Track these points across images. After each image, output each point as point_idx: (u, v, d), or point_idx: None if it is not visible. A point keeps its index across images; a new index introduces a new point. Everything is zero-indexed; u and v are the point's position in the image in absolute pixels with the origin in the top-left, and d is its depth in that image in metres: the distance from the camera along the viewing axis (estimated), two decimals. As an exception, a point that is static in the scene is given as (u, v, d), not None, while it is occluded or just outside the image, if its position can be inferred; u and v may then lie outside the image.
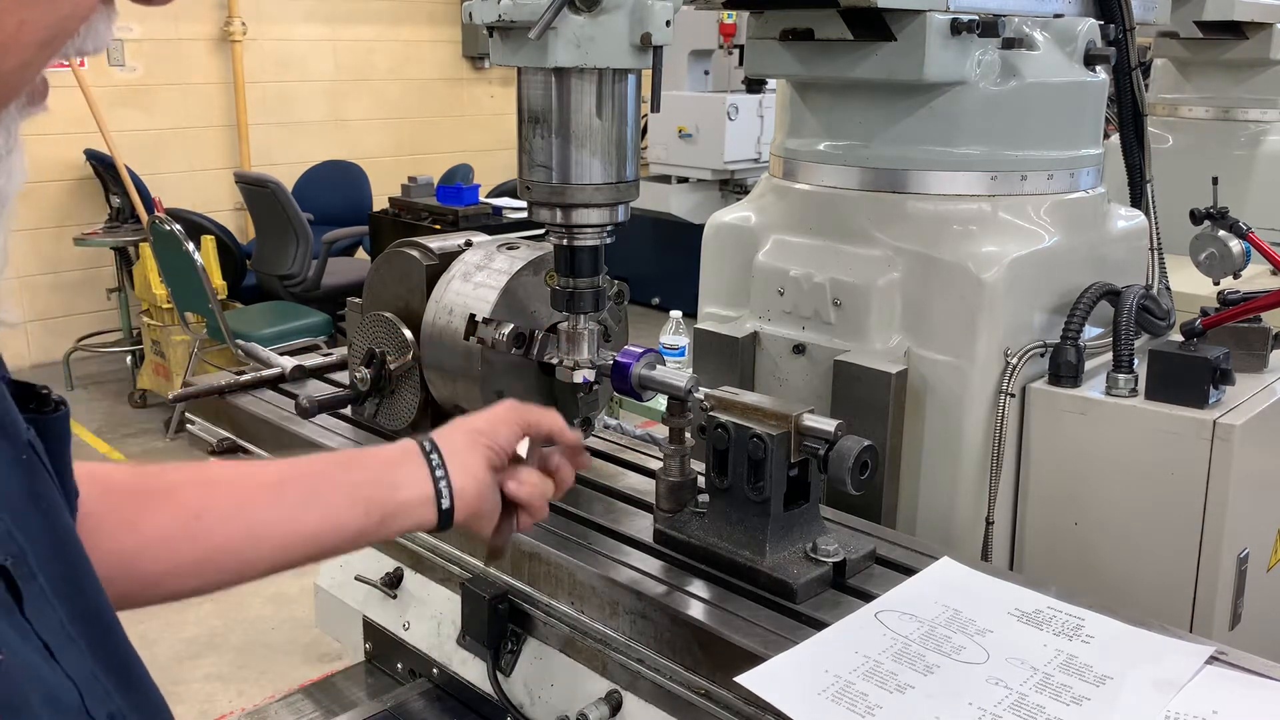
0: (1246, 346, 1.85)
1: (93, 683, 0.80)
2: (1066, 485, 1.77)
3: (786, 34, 1.85)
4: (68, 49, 0.69)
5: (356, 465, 1.22)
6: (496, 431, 1.26)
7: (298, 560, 1.17)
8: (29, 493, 0.81)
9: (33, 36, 0.65)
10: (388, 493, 1.19)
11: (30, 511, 0.81)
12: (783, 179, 2.00)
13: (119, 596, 0.99)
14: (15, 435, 0.82)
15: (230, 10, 7.71)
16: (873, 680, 1.16)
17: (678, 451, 1.49)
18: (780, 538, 1.38)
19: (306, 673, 3.85)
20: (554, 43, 1.33)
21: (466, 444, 1.24)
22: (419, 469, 1.20)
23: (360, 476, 1.20)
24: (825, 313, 1.85)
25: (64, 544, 0.84)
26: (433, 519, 1.20)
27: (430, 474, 1.20)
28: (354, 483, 1.19)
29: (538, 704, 1.52)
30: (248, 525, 1.13)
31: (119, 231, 6.73)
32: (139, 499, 1.10)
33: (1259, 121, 3.64)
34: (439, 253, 1.76)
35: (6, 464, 0.80)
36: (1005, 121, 1.81)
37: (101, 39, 0.71)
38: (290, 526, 1.15)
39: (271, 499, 1.16)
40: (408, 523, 1.21)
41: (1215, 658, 1.21)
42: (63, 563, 0.83)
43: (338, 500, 1.17)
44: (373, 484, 1.19)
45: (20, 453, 0.82)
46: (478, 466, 1.23)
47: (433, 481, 1.20)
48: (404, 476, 1.20)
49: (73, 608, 0.82)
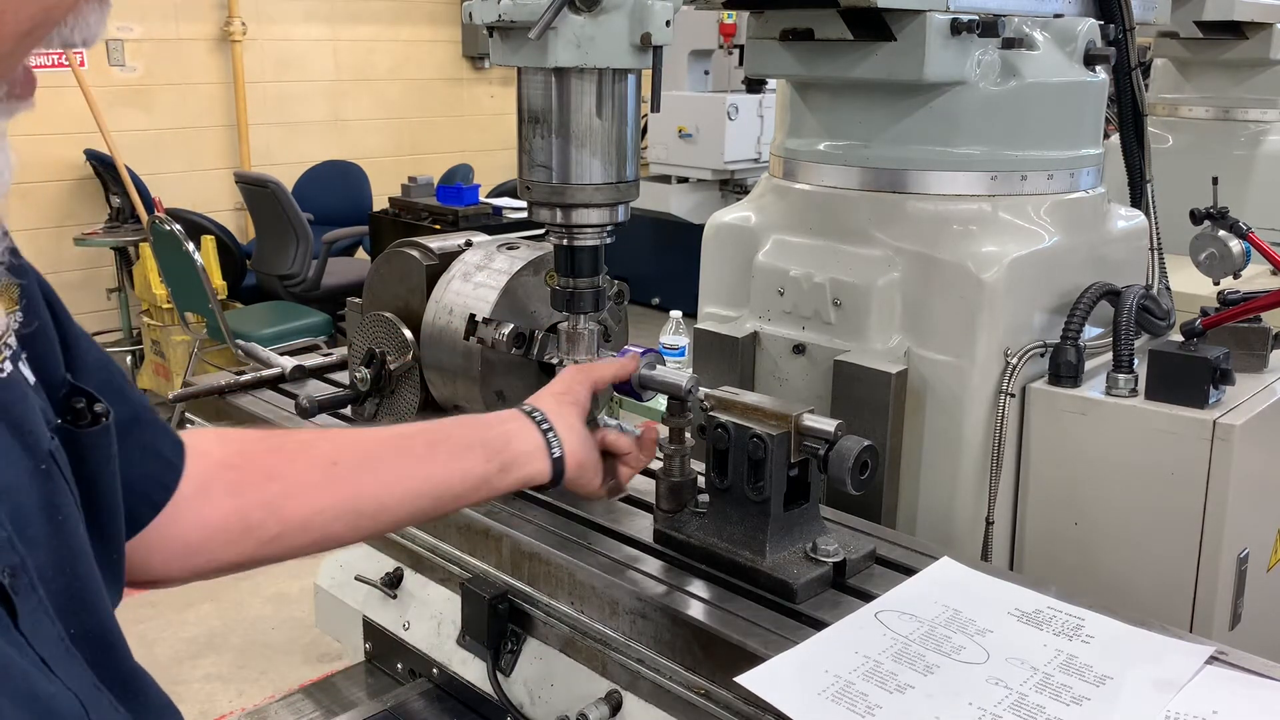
0: (1246, 346, 1.85)
1: (96, 694, 0.79)
2: (1066, 485, 1.77)
3: (786, 34, 1.85)
4: (54, 40, 0.68)
5: (469, 423, 1.31)
6: (576, 391, 1.36)
7: (428, 509, 1.25)
8: (43, 504, 0.80)
9: (13, 28, 0.64)
10: (504, 443, 1.27)
11: (41, 522, 0.79)
12: (783, 179, 2.00)
13: (272, 540, 1.12)
14: (35, 445, 0.81)
15: (230, 10, 7.71)
16: (873, 680, 1.16)
17: (678, 451, 1.49)
18: (780, 538, 1.38)
19: (306, 673, 3.85)
20: (554, 43, 1.33)
21: (557, 404, 1.34)
22: (527, 425, 1.30)
23: (476, 432, 1.28)
24: (825, 313, 1.85)
25: (73, 558, 0.82)
26: (546, 469, 1.29)
27: (538, 428, 1.29)
28: (471, 436, 1.27)
29: (538, 704, 1.52)
30: (379, 473, 1.20)
31: (119, 231, 6.73)
32: (276, 452, 1.18)
33: (1259, 121, 3.64)
34: (439, 253, 1.76)
35: (24, 473, 0.79)
36: (1005, 121, 1.81)
37: (92, 31, 0.70)
38: (419, 474, 1.23)
39: (399, 450, 1.23)
40: (525, 472, 1.28)
41: (1215, 658, 1.21)
42: (68, 577, 0.81)
43: (459, 449, 1.25)
44: (490, 436, 1.27)
45: (40, 462, 0.81)
46: (575, 422, 1.33)
47: (541, 434, 1.29)
48: (515, 431, 1.29)
49: (75, 624, 0.80)
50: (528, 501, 1.60)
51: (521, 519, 1.54)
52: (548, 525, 1.53)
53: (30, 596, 0.76)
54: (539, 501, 1.60)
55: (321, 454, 1.19)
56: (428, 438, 1.26)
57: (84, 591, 0.83)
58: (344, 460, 1.19)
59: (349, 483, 1.18)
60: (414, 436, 1.27)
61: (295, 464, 1.18)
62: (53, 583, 0.79)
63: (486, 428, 1.29)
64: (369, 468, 1.20)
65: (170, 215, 5.70)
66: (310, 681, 1.94)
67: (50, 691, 0.74)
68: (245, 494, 1.12)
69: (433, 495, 1.24)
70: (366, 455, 1.21)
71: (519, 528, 1.51)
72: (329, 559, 1.95)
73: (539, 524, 1.53)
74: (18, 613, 0.74)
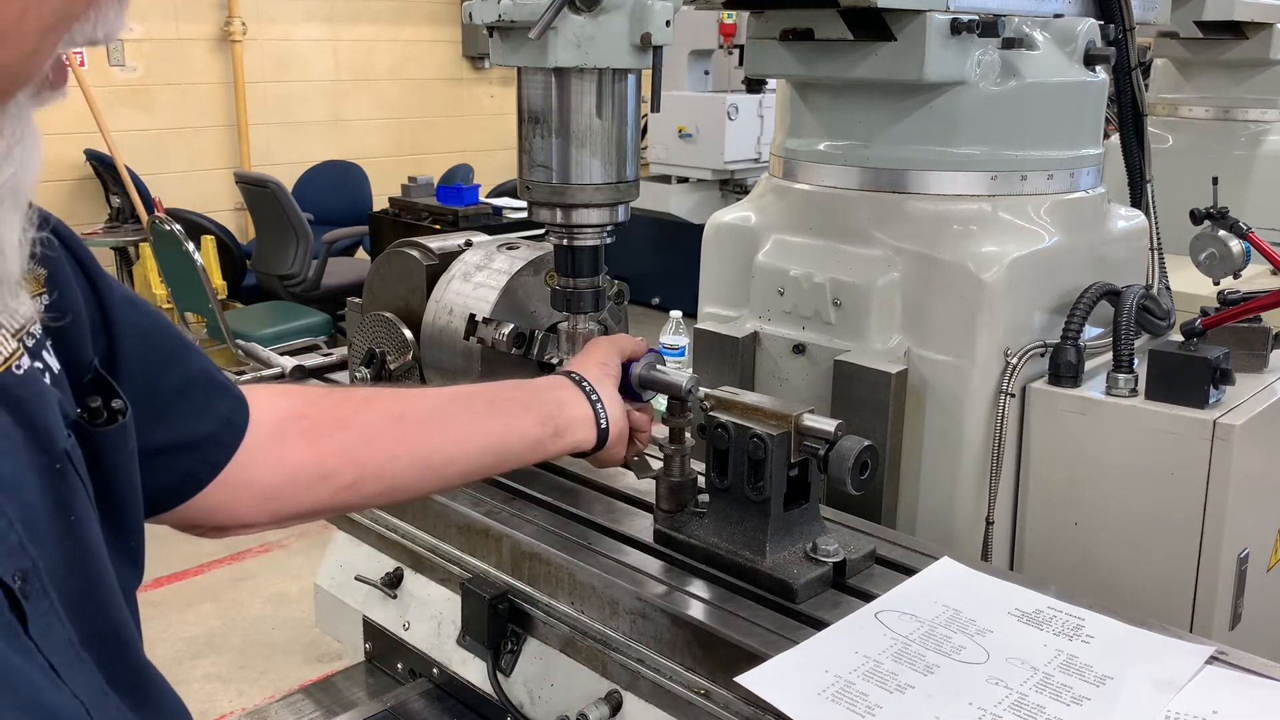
0: (1246, 346, 1.85)
1: (103, 699, 0.79)
2: (1066, 485, 1.77)
3: (786, 34, 1.85)
4: (76, 35, 0.68)
5: (524, 387, 1.37)
6: (613, 364, 1.42)
7: (490, 465, 1.32)
8: (56, 504, 0.79)
9: (36, 24, 0.65)
10: (557, 408, 1.33)
11: (54, 523, 0.79)
12: (783, 179, 2.00)
13: (348, 487, 1.17)
14: (50, 444, 0.80)
15: (230, 10, 7.71)
16: (873, 680, 1.16)
17: (678, 451, 1.49)
18: (780, 538, 1.38)
19: (306, 673, 3.85)
20: (554, 43, 1.33)
21: (601, 375, 1.40)
22: (577, 393, 1.36)
23: (530, 395, 1.34)
24: (825, 313, 1.85)
25: (86, 558, 0.82)
26: (593, 437, 1.36)
27: (587, 398, 1.36)
28: (527, 399, 1.33)
29: (538, 704, 1.52)
30: (446, 427, 1.26)
31: (119, 231, 6.73)
32: (344, 404, 1.24)
33: (1259, 121, 3.63)
34: (439, 253, 1.76)
35: (36, 473, 0.78)
36: (1005, 121, 1.81)
37: (112, 27, 0.70)
38: (482, 430, 1.28)
39: (461, 407, 1.29)
40: (575, 438, 1.35)
41: (1215, 658, 1.21)
42: (81, 578, 0.81)
43: (517, 410, 1.31)
44: (544, 401, 1.33)
45: (54, 462, 0.80)
46: (614, 393, 1.40)
47: (590, 404, 1.36)
48: (567, 397, 1.35)
49: (87, 625, 0.80)
50: (528, 501, 1.60)
51: (521, 519, 1.54)
52: (548, 525, 1.53)
53: (41, 600, 0.76)
54: (539, 501, 1.60)
55: (388, 407, 1.24)
56: (488, 396, 1.32)
57: (96, 591, 0.83)
58: (410, 413, 1.24)
59: (418, 434, 1.23)
60: (474, 395, 1.32)
61: (364, 414, 1.22)
62: (65, 583, 0.78)
63: (539, 392, 1.35)
64: (436, 421, 1.25)
65: (170, 215, 5.70)
66: (310, 681, 1.94)
67: (55, 701, 0.74)
68: (320, 441, 1.16)
69: (495, 452, 1.29)
70: (432, 410, 1.26)
71: (519, 528, 1.51)
72: (329, 559, 1.95)
73: (539, 524, 1.53)
74: (28, 618, 0.74)
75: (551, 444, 1.33)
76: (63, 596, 0.78)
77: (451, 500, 1.59)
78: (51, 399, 0.82)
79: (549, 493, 1.62)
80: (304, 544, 4.89)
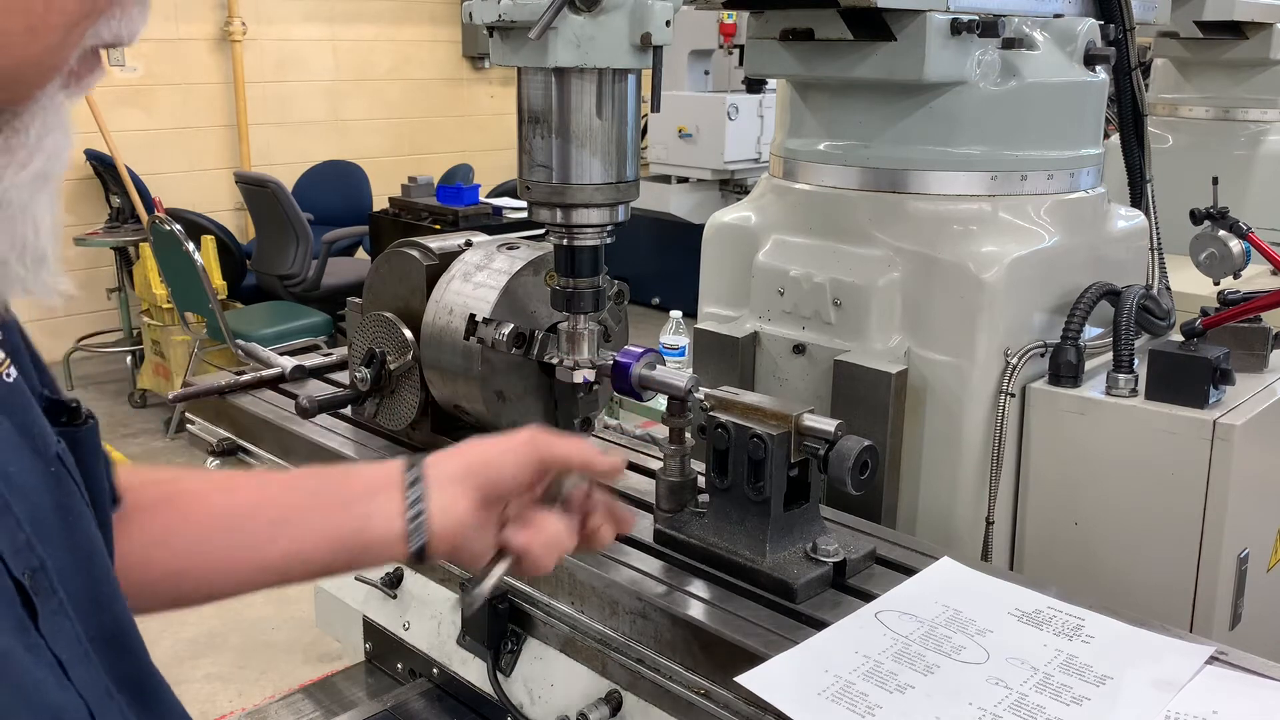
0: (1246, 346, 1.85)
1: (106, 700, 0.79)
2: (1066, 485, 1.77)
3: (786, 34, 1.85)
4: (103, 32, 0.69)
5: (331, 494, 1.13)
6: (501, 465, 1.12)
7: (263, 586, 1.10)
8: (56, 505, 0.81)
9: (61, 17, 0.66)
10: (358, 527, 1.10)
11: (56, 524, 0.80)
12: (783, 179, 2.00)
13: None
14: (45, 448, 0.82)
15: (230, 10, 7.71)
16: (873, 680, 1.16)
17: (678, 451, 1.49)
18: (780, 538, 1.38)
19: (306, 673, 3.85)
20: (554, 43, 1.33)
21: (458, 476, 1.11)
22: (395, 502, 1.09)
23: (330, 514, 1.11)
24: (825, 313, 1.85)
25: (88, 557, 0.83)
26: (403, 558, 1.10)
27: (404, 510, 1.08)
28: (323, 521, 1.10)
29: (538, 704, 1.52)
30: (209, 555, 1.08)
31: (119, 231, 6.73)
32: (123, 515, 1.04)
33: (1259, 121, 3.63)
34: (439, 253, 1.76)
35: (36, 476, 0.79)
36: (1005, 121, 1.81)
37: (135, 26, 0.72)
38: (255, 558, 1.09)
39: (238, 528, 1.10)
40: (377, 559, 1.13)
41: (1215, 658, 1.21)
42: (85, 577, 0.82)
43: (305, 535, 1.09)
44: (343, 520, 1.10)
45: (49, 465, 0.82)
46: (464, 505, 1.10)
47: (405, 520, 1.08)
48: (378, 509, 1.09)
49: (92, 623, 0.81)
50: (528, 501, 1.60)
51: (521, 519, 1.54)
52: (548, 525, 1.52)
53: (50, 598, 0.76)
54: (539, 501, 1.60)
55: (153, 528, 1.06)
56: (274, 517, 1.10)
57: (99, 591, 0.83)
58: (177, 538, 1.07)
59: (174, 561, 1.07)
60: (262, 512, 1.11)
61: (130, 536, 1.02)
62: (71, 583, 0.79)
63: (350, 505, 1.11)
64: (200, 548, 1.08)
65: (170, 215, 5.70)
66: (310, 681, 1.94)
67: (61, 701, 0.74)
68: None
69: (266, 578, 1.10)
70: (202, 536, 1.08)
71: (519, 528, 1.51)
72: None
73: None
74: (38, 614, 0.75)
75: (345, 567, 1.14)
76: (70, 596, 0.78)
77: (451, 500, 1.59)
78: (37, 405, 0.83)
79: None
80: (304, 544, 4.89)
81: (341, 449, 1.78)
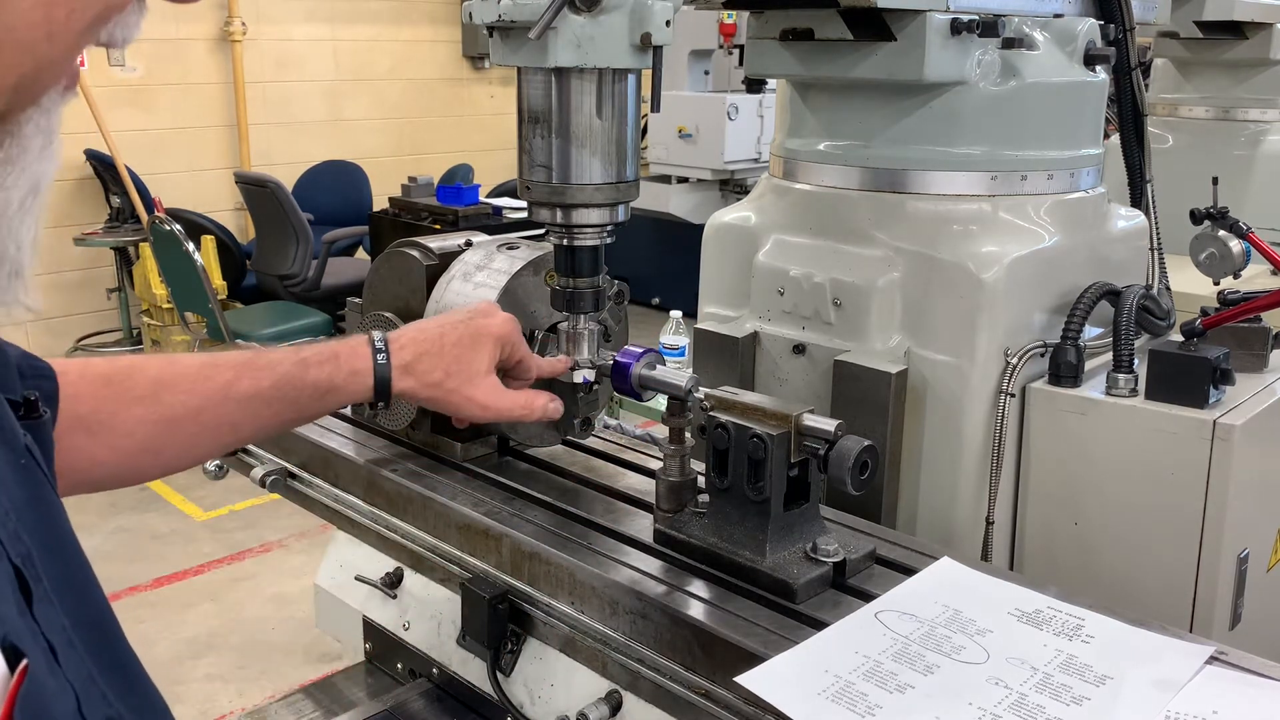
0: (1246, 346, 1.85)
1: (89, 686, 0.80)
2: (1066, 485, 1.77)
3: (786, 34, 1.85)
4: (101, 37, 0.71)
5: (313, 364, 1.38)
6: (468, 327, 1.47)
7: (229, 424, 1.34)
8: (29, 496, 0.82)
9: (80, 24, 0.67)
10: (334, 372, 1.38)
11: (32, 514, 0.81)
12: (783, 179, 2.00)
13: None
14: (14, 441, 0.83)
15: (230, 10, 7.71)
16: (873, 680, 1.16)
17: (678, 451, 1.49)
18: (780, 538, 1.38)
19: (306, 673, 3.85)
20: (554, 43, 1.33)
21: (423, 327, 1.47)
22: (364, 351, 1.39)
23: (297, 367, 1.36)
24: (825, 313, 1.85)
25: (63, 547, 0.85)
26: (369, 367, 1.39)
27: (373, 353, 1.39)
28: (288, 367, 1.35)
29: (538, 704, 1.52)
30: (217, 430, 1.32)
31: (119, 231, 6.74)
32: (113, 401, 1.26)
33: (1259, 121, 3.63)
34: (439, 253, 1.76)
35: (9, 469, 0.81)
36: (1005, 121, 1.81)
37: (131, 30, 0.73)
38: (260, 426, 1.36)
39: (237, 409, 1.32)
40: (345, 383, 1.39)
41: (1215, 658, 1.21)
42: (63, 565, 0.83)
43: (265, 377, 1.33)
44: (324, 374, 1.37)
45: (19, 457, 0.83)
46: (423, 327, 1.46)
47: (370, 347, 1.40)
48: (349, 352, 1.39)
49: (73, 610, 0.82)
50: (528, 501, 1.60)
51: (521, 519, 1.54)
52: (548, 525, 1.52)
53: (38, 585, 0.78)
54: (539, 501, 1.60)
55: (148, 413, 1.27)
56: (270, 395, 1.33)
57: (76, 579, 0.85)
58: (179, 417, 1.29)
59: (185, 439, 1.31)
60: (256, 397, 1.33)
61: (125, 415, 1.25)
62: (49, 571, 0.81)
63: (333, 360, 1.38)
64: (208, 431, 1.32)
65: (170, 215, 5.71)
66: (310, 681, 1.94)
67: (51, 686, 0.75)
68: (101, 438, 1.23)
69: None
70: (198, 410, 1.30)
71: (519, 528, 1.51)
72: (329, 558, 1.95)
73: (539, 524, 1.53)
74: (33, 598, 0.76)
75: (310, 388, 1.36)
76: (51, 583, 0.80)
77: (451, 500, 1.59)
78: (3, 400, 0.85)
79: (549, 493, 1.62)
80: (304, 544, 4.89)
81: (341, 449, 1.78)
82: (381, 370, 1.39)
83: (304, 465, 1.82)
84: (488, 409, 1.46)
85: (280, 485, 1.84)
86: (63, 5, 0.65)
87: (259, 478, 1.83)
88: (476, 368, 1.44)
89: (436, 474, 1.68)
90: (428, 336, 1.44)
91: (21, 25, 0.63)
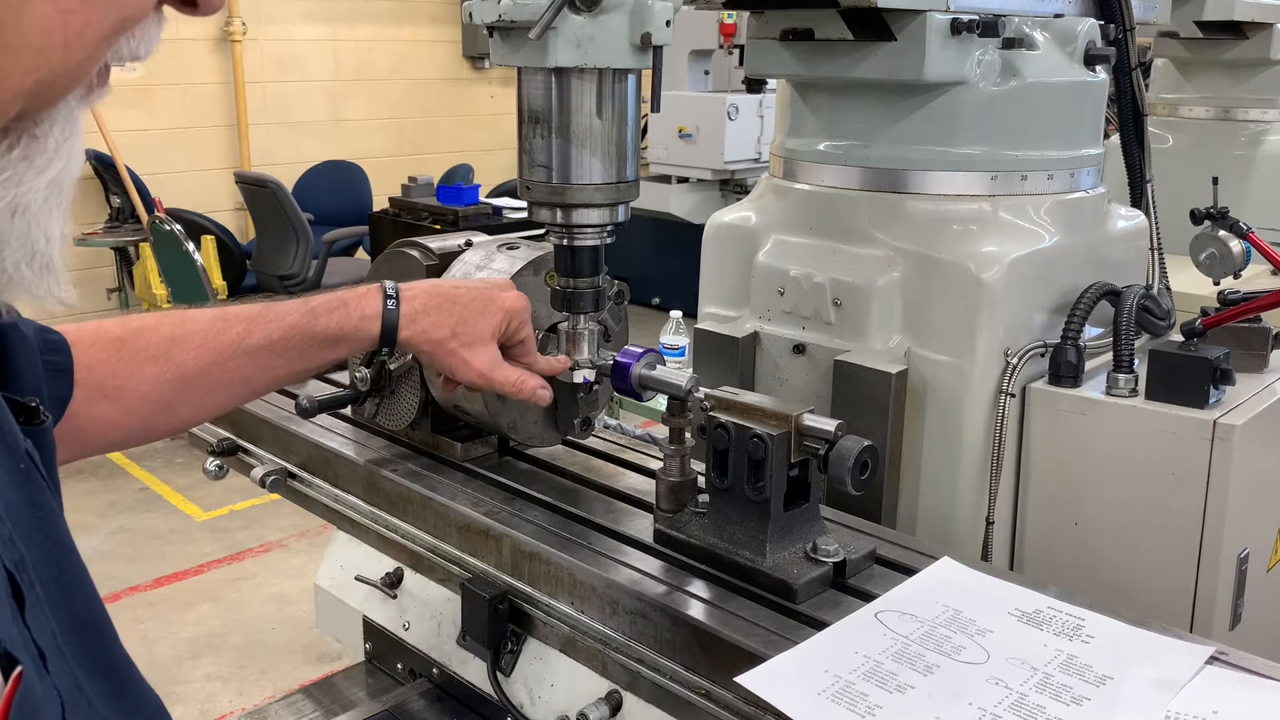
0: (1246, 346, 1.85)
1: (76, 694, 0.80)
2: (1066, 485, 1.77)
3: (786, 34, 1.85)
4: (122, 52, 0.72)
5: (327, 313, 1.41)
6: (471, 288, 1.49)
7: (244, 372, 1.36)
8: (28, 501, 0.82)
9: (97, 34, 0.68)
10: (344, 319, 1.40)
11: (28, 519, 0.82)
12: (783, 179, 2.00)
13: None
14: (14, 445, 0.84)
15: (230, 10, 7.71)
16: (873, 680, 1.16)
17: (678, 451, 1.49)
18: (780, 538, 1.38)
19: (306, 673, 3.85)
20: (554, 43, 1.33)
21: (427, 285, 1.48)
22: (375, 299, 1.41)
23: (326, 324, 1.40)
24: (825, 313, 1.85)
25: (59, 552, 0.85)
26: (377, 313, 1.40)
27: (384, 301, 1.41)
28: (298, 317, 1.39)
29: (538, 704, 1.52)
30: (230, 385, 1.35)
31: (119, 231, 6.74)
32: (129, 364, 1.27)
33: (1259, 121, 3.63)
34: (439, 253, 1.76)
35: (7, 473, 0.81)
36: (1005, 121, 1.81)
37: (150, 42, 0.74)
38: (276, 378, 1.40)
39: (251, 364, 1.35)
40: (355, 326, 1.41)
41: (1215, 658, 1.21)
42: (58, 570, 0.83)
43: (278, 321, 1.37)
44: (332, 323, 1.40)
45: (19, 462, 0.83)
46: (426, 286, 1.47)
47: (381, 296, 1.41)
48: (360, 301, 1.41)
49: (66, 617, 0.82)
50: (528, 501, 1.60)
51: (521, 519, 1.54)
52: (548, 525, 1.53)
53: (30, 592, 0.78)
54: (539, 501, 1.60)
55: (163, 370, 1.29)
56: (283, 346, 1.37)
57: (71, 583, 0.85)
58: (193, 376, 1.31)
59: (201, 398, 1.35)
60: (268, 349, 1.36)
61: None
62: (44, 577, 0.81)
63: (341, 309, 1.41)
64: (222, 387, 1.35)
65: (170, 215, 5.71)
66: (310, 681, 1.94)
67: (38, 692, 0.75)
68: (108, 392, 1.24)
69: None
70: (210, 367, 1.32)
71: (519, 528, 1.51)
72: (329, 559, 1.95)
73: (539, 524, 1.53)
74: (25, 604, 0.76)
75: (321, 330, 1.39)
76: (44, 589, 0.80)
77: (451, 500, 1.59)
78: (4, 404, 0.85)
79: (549, 493, 1.62)
80: (304, 544, 4.89)
81: (342, 449, 1.78)
82: (390, 315, 1.40)
83: (304, 465, 1.82)
84: (482, 376, 1.46)
85: (280, 485, 1.84)
86: (79, 14, 0.66)
87: (259, 478, 1.83)
88: (481, 332, 1.45)
89: (436, 474, 1.69)
90: (441, 292, 1.46)
91: (37, 32, 0.64)
